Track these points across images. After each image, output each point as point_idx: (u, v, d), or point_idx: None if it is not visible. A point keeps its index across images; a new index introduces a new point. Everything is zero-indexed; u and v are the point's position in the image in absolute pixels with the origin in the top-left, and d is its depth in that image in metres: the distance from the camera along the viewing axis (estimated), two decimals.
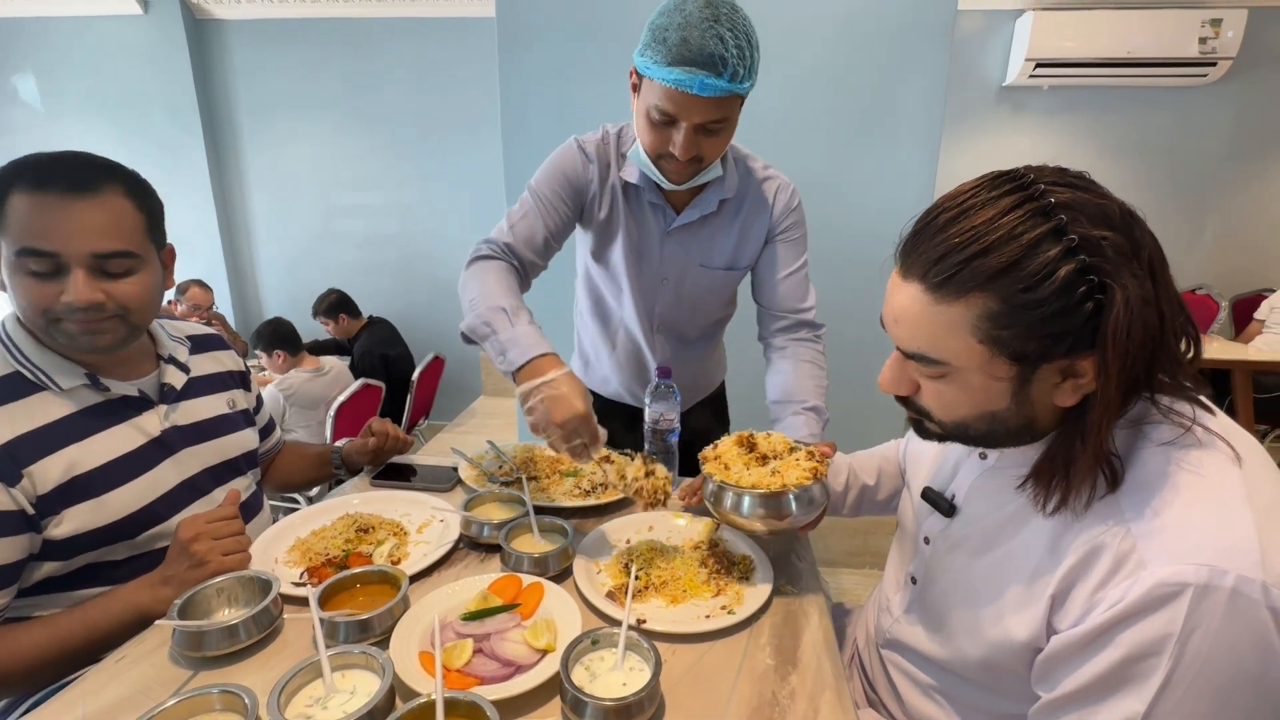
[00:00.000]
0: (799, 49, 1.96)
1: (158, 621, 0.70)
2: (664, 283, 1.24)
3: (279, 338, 2.88)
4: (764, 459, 0.91)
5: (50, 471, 0.81)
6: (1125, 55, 3.30)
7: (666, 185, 1.09)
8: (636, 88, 1.02)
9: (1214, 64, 3.30)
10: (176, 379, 0.98)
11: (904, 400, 0.69)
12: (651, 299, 1.26)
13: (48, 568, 0.84)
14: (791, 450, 0.92)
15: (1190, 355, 0.57)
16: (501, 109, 2.06)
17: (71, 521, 0.82)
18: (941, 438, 0.68)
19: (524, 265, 1.12)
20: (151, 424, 0.93)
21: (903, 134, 2.01)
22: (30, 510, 0.79)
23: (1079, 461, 0.56)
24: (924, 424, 0.68)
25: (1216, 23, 3.24)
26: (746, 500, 0.84)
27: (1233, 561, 0.48)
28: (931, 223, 0.58)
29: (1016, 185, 0.55)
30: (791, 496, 0.83)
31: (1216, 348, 2.75)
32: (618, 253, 1.21)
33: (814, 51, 1.96)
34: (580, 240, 1.28)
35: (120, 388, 0.90)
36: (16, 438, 0.79)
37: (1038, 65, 3.38)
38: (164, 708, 0.58)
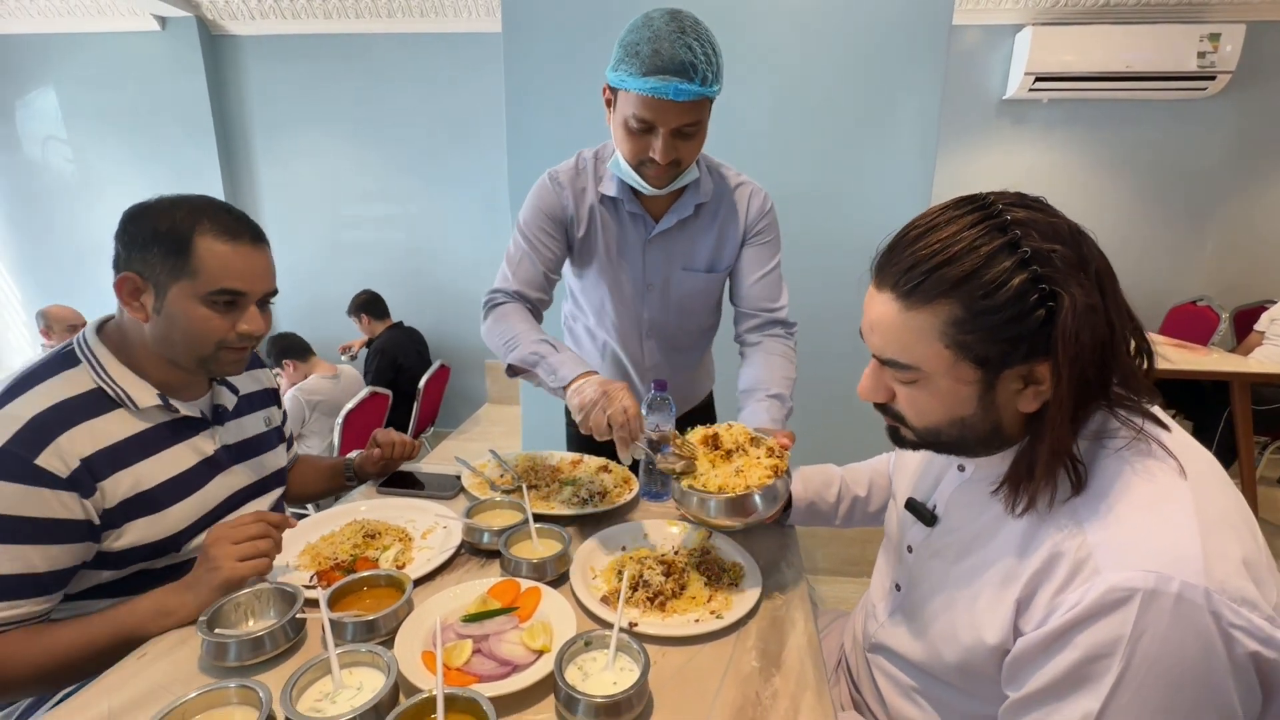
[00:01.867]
0: (792, 63, 2.00)
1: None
2: (650, 289, 1.29)
3: (283, 349, 2.97)
4: (728, 454, 0.95)
5: (119, 486, 0.86)
6: (1124, 69, 3.33)
7: (648, 191, 1.15)
8: (611, 103, 1.09)
9: (1213, 77, 3.33)
10: (228, 400, 1.04)
11: (881, 407, 0.73)
12: (639, 306, 1.31)
13: (102, 575, 0.89)
14: (753, 441, 0.97)
15: (1144, 367, 0.61)
16: (507, 122, 2.11)
17: (131, 535, 0.87)
18: (916, 445, 0.72)
19: (534, 305, 1.22)
20: (206, 444, 0.98)
21: (898, 148, 2.05)
22: (96, 522, 0.84)
23: (1040, 461, 0.60)
24: (900, 431, 0.72)
25: (1215, 37, 3.26)
26: (712, 504, 0.88)
27: (1178, 568, 0.52)
28: (903, 238, 0.64)
29: (978, 205, 0.62)
30: (757, 497, 0.88)
31: (1216, 359, 2.76)
32: (600, 266, 1.27)
33: (807, 65, 2.00)
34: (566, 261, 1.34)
35: (186, 408, 0.95)
36: (96, 452, 0.84)
37: (1037, 79, 3.41)
38: (185, 700, 0.63)
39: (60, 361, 0.89)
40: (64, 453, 0.81)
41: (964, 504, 0.76)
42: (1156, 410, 0.64)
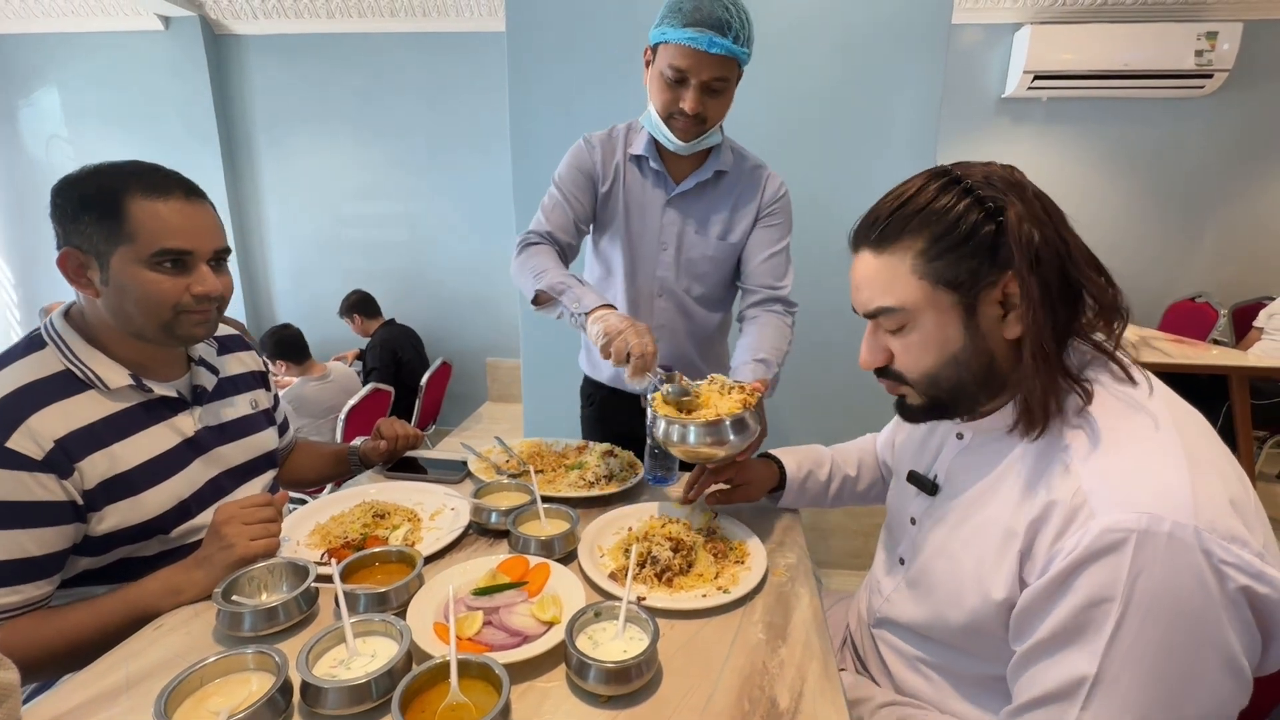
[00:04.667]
0: (792, 61, 2.02)
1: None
2: (663, 248, 1.36)
3: (281, 347, 2.92)
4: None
5: (96, 468, 0.85)
6: (1122, 68, 3.36)
7: (673, 145, 1.23)
8: (649, 63, 1.19)
9: (1210, 76, 3.36)
10: (208, 381, 1.02)
11: (883, 375, 0.76)
12: (652, 264, 1.37)
13: (84, 562, 0.88)
14: (728, 390, 1.02)
15: (1112, 291, 0.65)
16: (510, 123, 2.12)
17: (112, 519, 0.86)
18: (923, 410, 0.74)
19: (563, 248, 1.31)
20: (186, 425, 0.97)
21: (897, 146, 2.06)
22: (80, 502, 0.83)
23: (1029, 373, 0.64)
24: (906, 399, 0.75)
25: (1212, 35, 3.29)
26: (692, 431, 0.94)
27: (1168, 509, 0.54)
28: (873, 208, 0.73)
29: (931, 169, 0.71)
30: (727, 422, 0.93)
31: (1215, 354, 2.78)
32: (619, 222, 1.34)
33: (807, 63, 2.02)
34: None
35: (161, 388, 0.94)
36: (69, 433, 0.83)
37: (1036, 77, 3.43)
38: (203, 665, 0.64)
39: (26, 345, 0.87)
40: (36, 434, 0.79)
41: (964, 469, 0.78)
42: (1140, 372, 0.67)
